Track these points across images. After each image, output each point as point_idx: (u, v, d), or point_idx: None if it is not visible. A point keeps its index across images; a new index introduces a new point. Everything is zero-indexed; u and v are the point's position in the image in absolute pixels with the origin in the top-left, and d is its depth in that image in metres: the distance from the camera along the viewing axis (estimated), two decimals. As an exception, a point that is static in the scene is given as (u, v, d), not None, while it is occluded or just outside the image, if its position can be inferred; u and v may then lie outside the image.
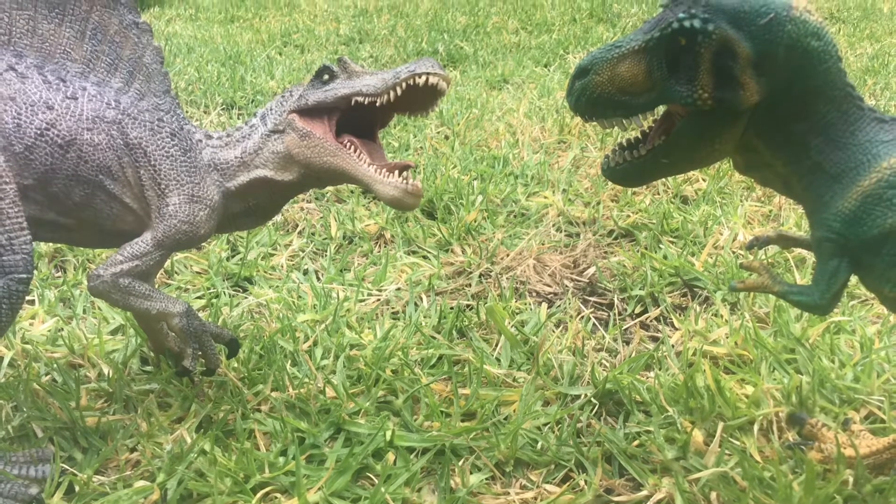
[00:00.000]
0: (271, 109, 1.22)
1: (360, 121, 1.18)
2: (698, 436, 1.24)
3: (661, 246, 1.92)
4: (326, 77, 1.17)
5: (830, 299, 0.98)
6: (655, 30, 0.92)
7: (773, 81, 0.91)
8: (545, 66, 3.87)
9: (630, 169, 1.01)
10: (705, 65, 0.90)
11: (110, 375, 1.38)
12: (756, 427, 1.26)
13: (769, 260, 1.82)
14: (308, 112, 1.17)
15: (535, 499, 1.15)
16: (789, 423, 1.26)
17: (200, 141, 1.23)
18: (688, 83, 0.91)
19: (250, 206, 1.25)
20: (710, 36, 0.89)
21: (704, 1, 0.90)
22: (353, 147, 1.15)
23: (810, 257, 1.82)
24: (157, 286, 1.60)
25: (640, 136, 1.02)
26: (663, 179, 2.30)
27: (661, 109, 0.99)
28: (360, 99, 1.13)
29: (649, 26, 0.94)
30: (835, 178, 0.95)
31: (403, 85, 1.10)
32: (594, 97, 0.97)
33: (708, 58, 0.90)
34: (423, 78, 1.09)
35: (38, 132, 1.10)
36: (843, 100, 0.94)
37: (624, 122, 0.99)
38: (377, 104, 1.12)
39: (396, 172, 1.12)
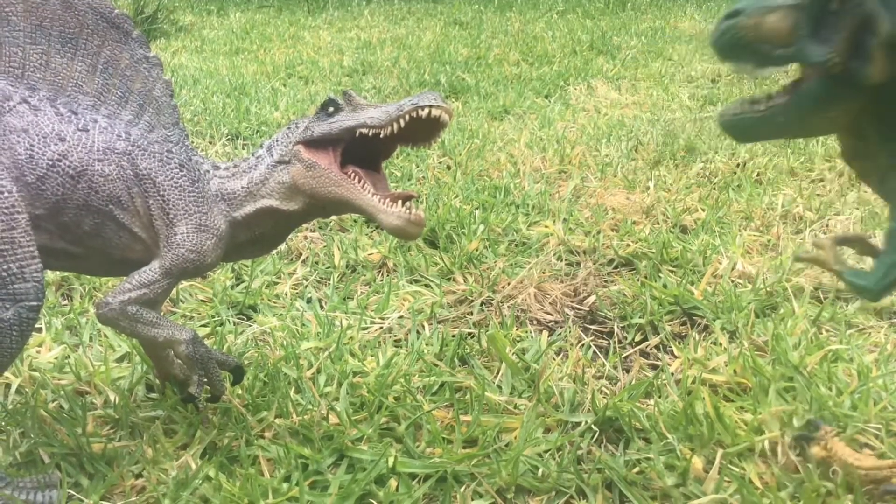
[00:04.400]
0: (277, 141, 1.24)
1: (364, 152, 1.20)
2: (697, 463, 1.25)
3: (660, 275, 1.94)
4: (332, 109, 1.20)
5: (882, 288, 1.00)
6: None
7: None
8: (546, 97, 3.92)
9: (745, 121, 1.02)
10: (846, 32, 0.91)
11: (116, 402, 1.40)
12: (757, 451, 1.27)
13: (768, 289, 1.83)
14: (313, 143, 1.20)
15: (536, 525, 1.17)
16: (800, 437, 1.27)
17: (208, 171, 1.26)
18: (825, 44, 0.92)
19: (256, 235, 1.27)
20: (860, 5, 0.90)
21: None
22: (357, 178, 1.17)
23: (808, 286, 1.84)
24: (163, 314, 1.61)
25: (764, 97, 1.03)
26: (663, 209, 2.33)
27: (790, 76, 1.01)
28: (364, 131, 1.15)
29: None
30: None
31: (407, 117, 1.12)
32: (737, 38, 0.97)
33: (851, 26, 0.91)
34: (427, 110, 1.11)
35: (50, 163, 1.13)
36: None
37: (756, 70, 1.00)
38: (381, 136, 1.14)
39: (399, 202, 1.14)
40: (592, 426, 1.36)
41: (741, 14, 0.98)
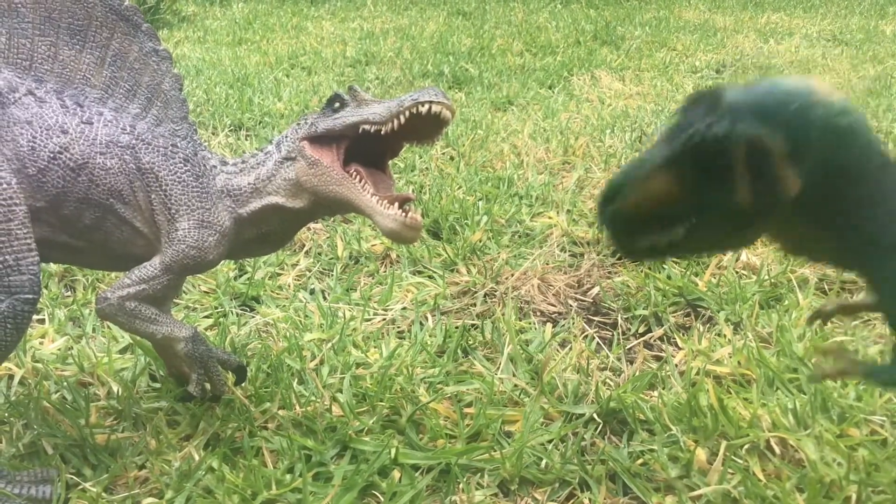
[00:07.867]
0: (286, 137, 1.23)
1: (370, 151, 1.19)
2: (701, 454, 1.24)
3: (664, 266, 1.93)
4: (337, 105, 1.18)
5: None
6: (678, 141, 0.85)
7: (810, 166, 0.85)
8: (550, 88, 3.90)
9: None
10: (740, 166, 0.83)
11: (119, 393, 1.40)
12: (762, 443, 1.27)
13: (772, 280, 1.83)
14: (318, 140, 1.18)
15: (540, 517, 1.16)
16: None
17: (215, 167, 1.25)
18: (725, 187, 0.84)
19: (263, 232, 1.26)
20: (739, 137, 0.82)
21: (724, 103, 0.84)
22: (358, 177, 1.16)
23: (812, 276, 1.83)
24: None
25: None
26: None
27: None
28: (367, 127, 1.14)
29: (671, 135, 0.87)
30: (893, 249, 0.89)
31: (407, 113, 1.11)
32: (630, 217, 0.90)
33: (741, 159, 0.83)
34: (427, 106, 1.10)
35: (52, 155, 1.13)
36: (881, 169, 0.88)
37: (664, 237, 0.91)
38: (382, 132, 1.13)
39: (397, 205, 1.12)
40: (596, 418, 1.36)
41: (620, 195, 0.89)
